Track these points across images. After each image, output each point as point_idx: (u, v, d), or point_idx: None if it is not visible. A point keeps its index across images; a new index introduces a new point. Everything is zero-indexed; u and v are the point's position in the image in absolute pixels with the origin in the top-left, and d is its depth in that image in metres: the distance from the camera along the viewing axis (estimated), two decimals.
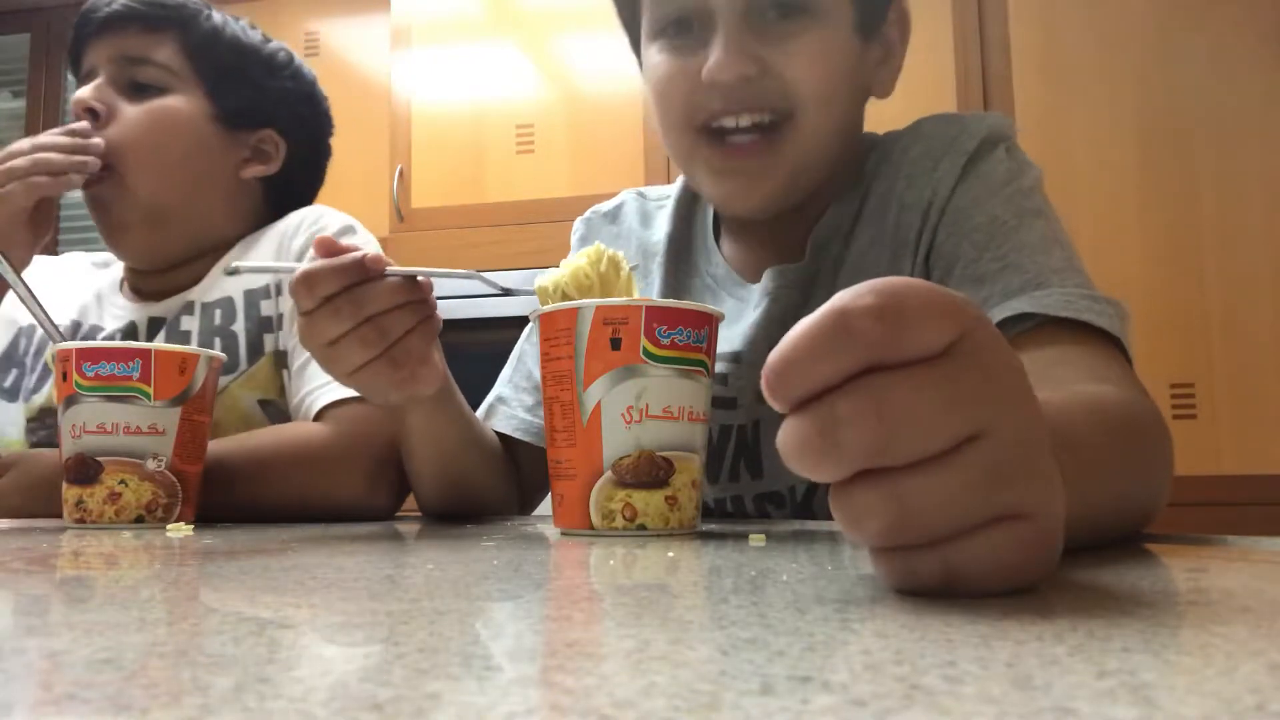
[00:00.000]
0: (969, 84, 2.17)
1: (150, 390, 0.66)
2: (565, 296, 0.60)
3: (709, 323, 0.57)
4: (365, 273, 0.59)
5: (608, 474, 0.54)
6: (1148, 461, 0.50)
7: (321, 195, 1.20)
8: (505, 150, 2.45)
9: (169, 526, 0.64)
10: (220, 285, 0.97)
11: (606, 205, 0.93)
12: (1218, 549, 0.46)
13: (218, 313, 0.96)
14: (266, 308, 0.95)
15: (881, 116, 0.81)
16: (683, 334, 0.55)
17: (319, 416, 0.88)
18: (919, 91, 2.16)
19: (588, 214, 0.93)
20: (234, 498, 0.77)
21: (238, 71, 1.01)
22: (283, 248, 0.98)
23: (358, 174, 2.64)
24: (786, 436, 0.27)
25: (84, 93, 0.95)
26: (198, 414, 0.69)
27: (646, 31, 0.76)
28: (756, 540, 0.49)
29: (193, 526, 0.65)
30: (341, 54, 2.77)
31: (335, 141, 1.16)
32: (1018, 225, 0.68)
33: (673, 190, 0.89)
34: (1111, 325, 0.62)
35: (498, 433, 0.84)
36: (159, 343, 0.87)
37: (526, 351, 0.90)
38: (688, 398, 0.55)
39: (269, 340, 0.94)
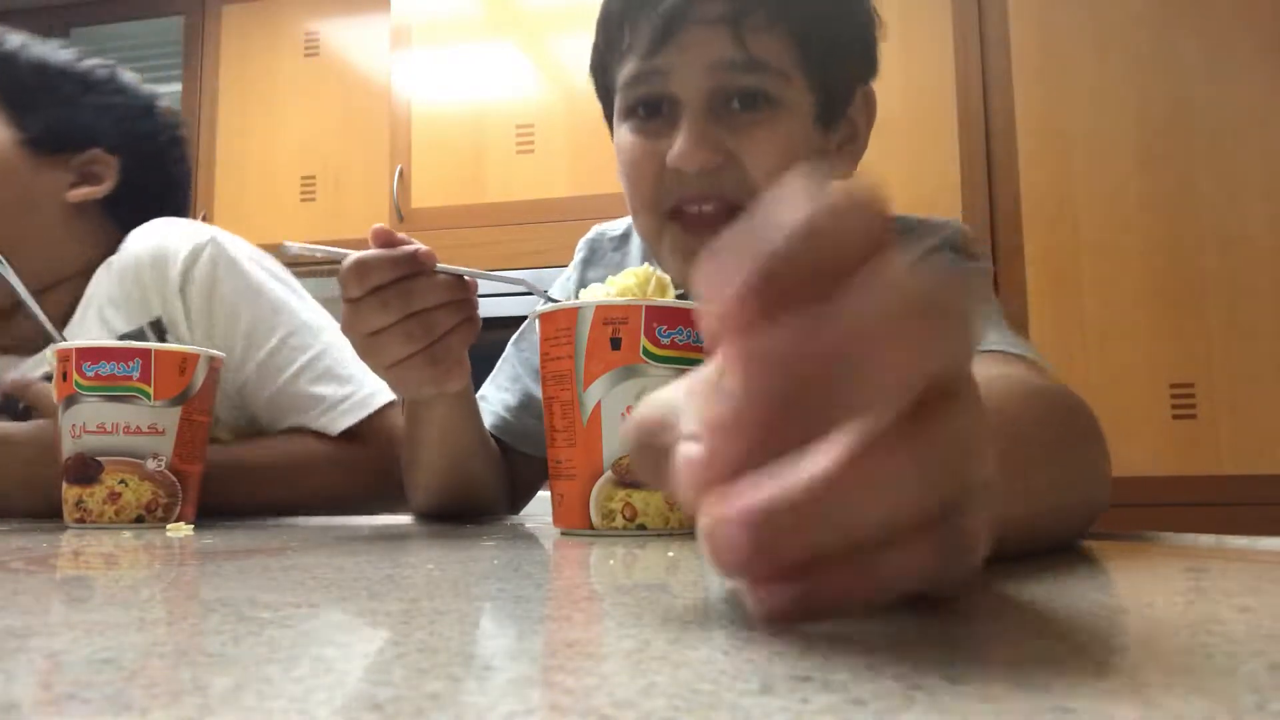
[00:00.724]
0: (969, 84, 2.17)
1: (150, 390, 0.66)
2: None
3: None
4: (417, 266, 0.60)
5: (608, 474, 0.54)
6: (1087, 446, 0.49)
7: (323, 194, 1.19)
8: (505, 150, 2.45)
9: (169, 526, 0.64)
10: (83, 333, 0.91)
11: (616, 228, 0.93)
12: (1217, 549, 0.46)
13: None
14: None
15: (884, 118, 0.81)
16: (683, 334, 0.55)
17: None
18: (919, 91, 2.16)
19: (594, 234, 0.93)
20: (253, 499, 0.80)
21: (45, 92, 0.96)
22: (127, 290, 0.91)
23: (358, 174, 2.64)
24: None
25: None
26: (198, 414, 0.69)
27: (618, 110, 0.77)
28: None
29: (193, 526, 0.65)
30: (341, 54, 2.77)
31: (336, 140, 1.16)
32: None
33: None
34: (1034, 355, 0.66)
35: None
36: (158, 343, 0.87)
37: (511, 354, 0.91)
38: None
39: None
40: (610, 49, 0.77)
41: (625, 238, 0.92)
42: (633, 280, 0.60)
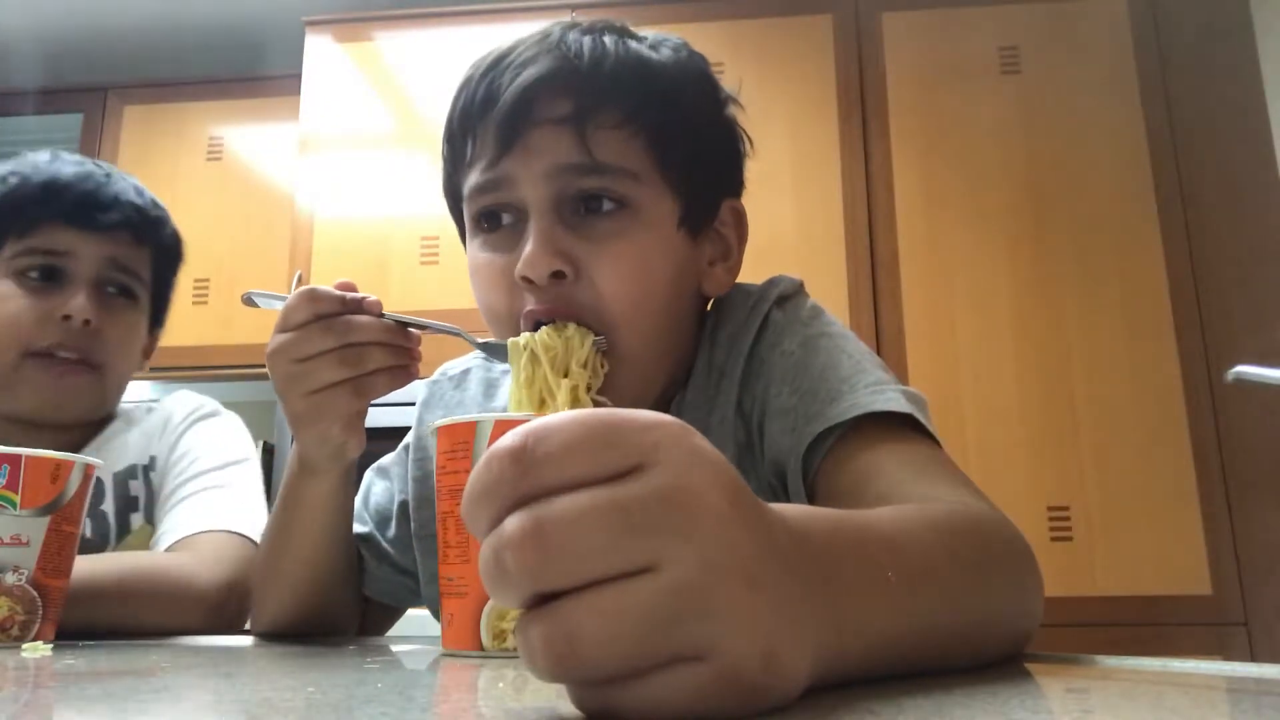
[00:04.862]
0: (855, 219, 2.29)
1: (16, 498, 0.63)
2: (534, 356, 0.66)
3: None
4: (364, 310, 0.64)
5: None
6: (1000, 573, 0.48)
7: (216, 298, 1.31)
8: (409, 261, 2.46)
9: (25, 646, 0.60)
10: None
11: (455, 368, 0.90)
12: (1096, 670, 0.48)
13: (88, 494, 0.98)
14: (134, 488, 1.00)
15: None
16: None
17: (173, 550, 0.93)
18: (809, 225, 2.28)
19: (436, 375, 0.90)
20: (91, 618, 0.76)
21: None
22: (164, 433, 1.05)
23: (255, 279, 2.60)
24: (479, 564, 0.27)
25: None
26: (67, 524, 0.66)
27: (468, 224, 0.74)
28: None
29: (51, 646, 0.61)
30: (245, 159, 2.77)
31: (234, 245, 1.23)
32: (805, 353, 0.70)
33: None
34: (899, 405, 0.64)
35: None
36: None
37: (366, 483, 0.88)
38: None
39: (134, 519, 0.99)
40: (456, 164, 0.73)
41: (464, 376, 0.88)
42: (552, 329, 0.66)
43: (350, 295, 0.64)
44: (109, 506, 0.98)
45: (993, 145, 2.31)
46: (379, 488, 0.87)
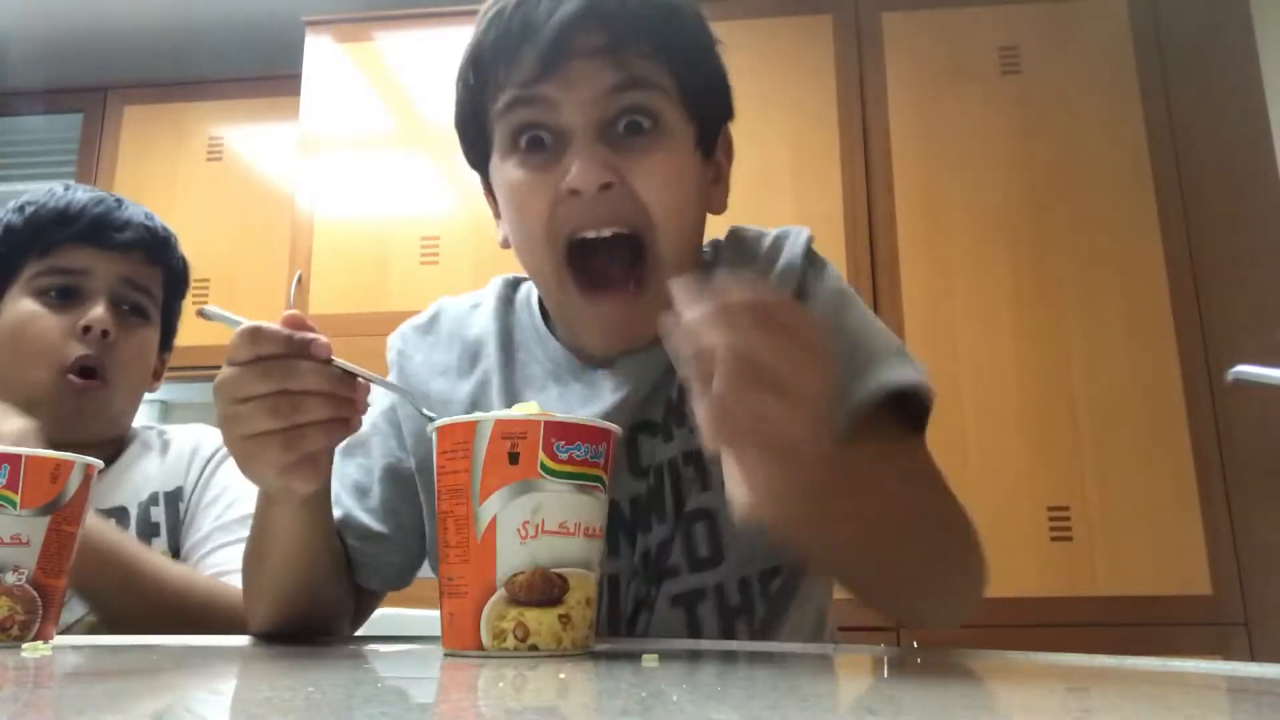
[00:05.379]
0: (856, 218, 2.29)
1: (16, 498, 0.62)
2: None
3: (607, 439, 0.58)
4: (307, 353, 0.60)
5: (500, 591, 0.53)
6: (945, 515, 0.66)
7: (216, 298, 1.34)
8: (409, 261, 2.46)
9: (25, 646, 0.60)
10: (116, 492, 1.02)
11: (420, 318, 0.91)
12: (1095, 670, 0.48)
13: (112, 521, 1.00)
14: (155, 515, 1.02)
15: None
16: (581, 449, 0.55)
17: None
18: (811, 225, 2.27)
19: (402, 328, 0.91)
20: (142, 615, 0.82)
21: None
22: (191, 464, 1.08)
23: (255, 279, 2.60)
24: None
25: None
26: (67, 524, 0.65)
27: (499, 149, 0.77)
28: (649, 661, 0.49)
29: (51, 646, 0.61)
30: (245, 160, 2.77)
31: (234, 245, 1.26)
32: (843, 308, 0.81)
33: (487, 292, 0.90)
34: (915, 375, 0.79)
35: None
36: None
37: (337, 467, 0.85)
38: (585, 513, 0.55)
39: (155, 544, 1.01)
40: (484, 87, 0.76)
41: (433, 320, 0.90)
42: (523, 413, 0.61)
43: (298, 335, 0.60)
44: (131, 533, 1.00)
45: (993, 145, 2.31)
46: (350, 467, 0.84)
